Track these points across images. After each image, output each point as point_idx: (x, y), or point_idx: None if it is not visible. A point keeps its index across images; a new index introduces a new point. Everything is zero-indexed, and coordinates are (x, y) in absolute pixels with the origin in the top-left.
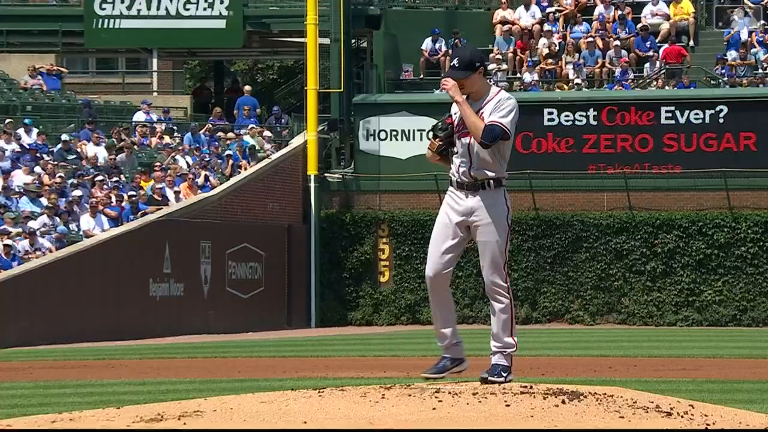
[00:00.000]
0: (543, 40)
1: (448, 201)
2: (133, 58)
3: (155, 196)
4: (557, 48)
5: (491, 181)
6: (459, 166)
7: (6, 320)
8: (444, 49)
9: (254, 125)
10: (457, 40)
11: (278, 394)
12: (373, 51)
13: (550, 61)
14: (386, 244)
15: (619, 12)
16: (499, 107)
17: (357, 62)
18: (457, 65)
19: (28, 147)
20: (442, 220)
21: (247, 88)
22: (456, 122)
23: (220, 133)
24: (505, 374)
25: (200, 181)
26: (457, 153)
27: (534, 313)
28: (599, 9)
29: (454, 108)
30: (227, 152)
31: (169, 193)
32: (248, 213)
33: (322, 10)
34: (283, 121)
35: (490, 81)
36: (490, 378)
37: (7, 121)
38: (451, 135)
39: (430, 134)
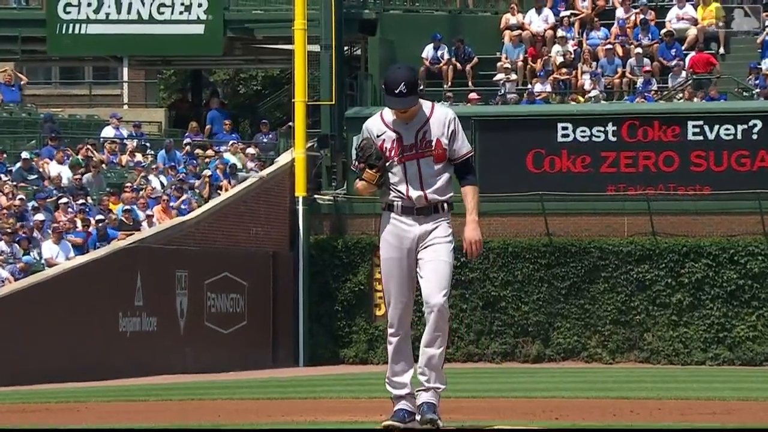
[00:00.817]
0: (556, 47)
1: (393, 231)
2: (101, 68)
3: (125, 221)
4: (572, 56)
5: (445, 204)
6: (408, 191)
7: None
8: (447, 56)
9: (236, 141)
10: (459, 46)
11: None
12: (368, 59)
13: (564, 70)
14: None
15: (642, 16)
16: (451, 129)
17: (350, 72)
18: (405, 91)
19: None
20: (395, 256)
21: (215, 100)
22: (392, 146)
23: (198, 151)
24: (438, 417)
25: (176, 203)
26: (398, 178)
27: (547, 351)
28: (619, 13)
29: (375, 129)
30: (206, 171)
31: (141, 217)
32: (229, 239)
33: (311, 14)
34: (269, 136)
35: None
36: (435, 420)
37: None
38: (385, 162)
39: (358, 164)
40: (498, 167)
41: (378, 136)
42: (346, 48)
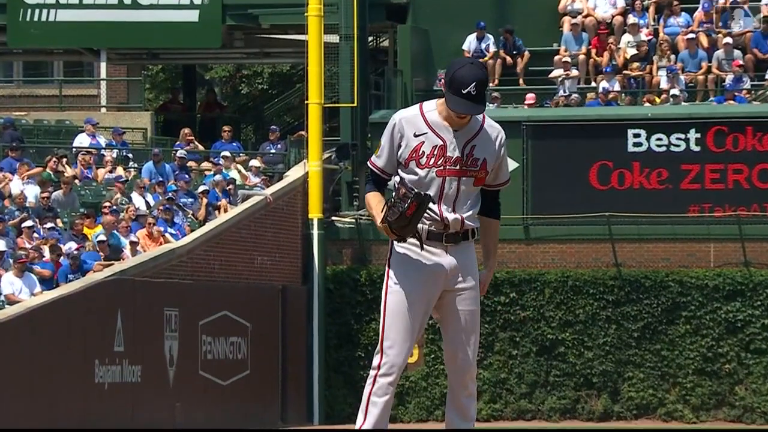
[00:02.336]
0: (627, 37)
1: (415, 261)
2: (74, 63)
3: (103, 248)
4: (646, 47)
5: (475, 230)
6: (442, 212)
7: None
8: (493, 49)
9: (237, 152)
10: (508, 38)
11: None
12: (397, 52)
13: (636, 65)
14: None
15: None
16: (502, 153)
17: (375, 67)
18: (474, 93)
19: None
20: (413, 290)
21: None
22: (432, 153)
23: (191, 163)
24: None
25: (164, 227)
26: (427, 189)
27: (615, 407)
28: None
29: (412, 127)
30: (201, 188)
31: (123, 244)
32: (229, 270)
33: None
34: (277, 146)
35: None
36: None
37: None
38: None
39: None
40: (555, 183)
41: (416, 136)
42: (370, 38)
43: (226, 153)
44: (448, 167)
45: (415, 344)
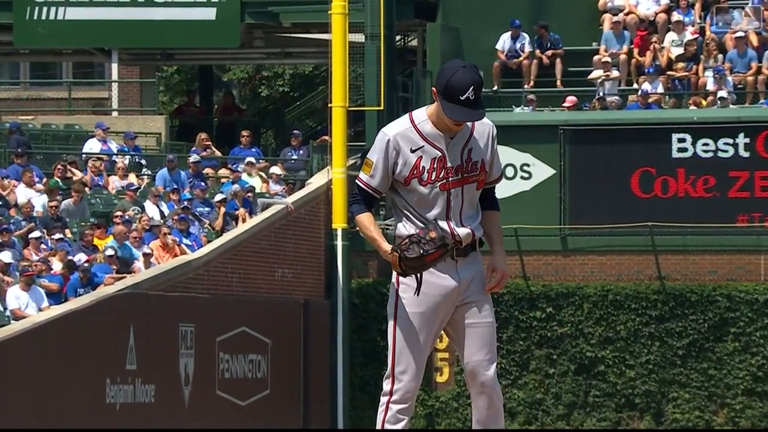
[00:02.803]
0: (671, 36)
1: (427, 280)
2: (84, 64)
3: (115, 260)
4: (694, 47)
5: (481, 238)
6: (452, 228)
7: None
8: (528, 49)
9: (257, 158)
10: (544, 34)
11: None
12: (426, 52)
13: (681, 65)
14: None
15: None
16: (494, 147)
17: (403, 68)
18: (473, 98)
19: None
20: (425, 311)
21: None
22: (433, 167)
23: (208, 170)
24: None
25: (179, 238)
26: (438, 211)
27: (660, 428)
28: None
29: (407, 141)
30: (218, 197)
31: (135, 256)
32: (248, 284)
33: None
34: (299, 152)
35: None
36: None
37: None
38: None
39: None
40: (594, 191)
41: (413, 152)
42: (398, 38)
43: (251, 159)
44: (451, 179)
45: (446, 363)
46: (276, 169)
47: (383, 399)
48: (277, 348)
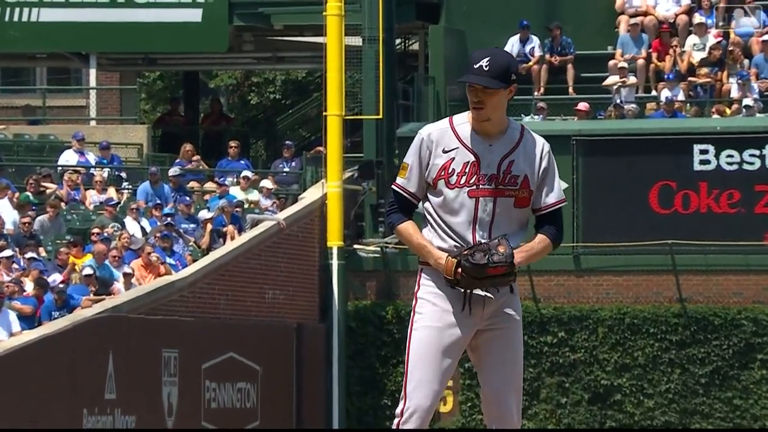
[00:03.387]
0: (692, 39)
1: (449, 295)
2: (60, 69)
3: (93, 281)
4: (720, 51)
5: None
6: (476, 239)
7: None
8: (538, 52)
9: (246, 170)
10: (556, 36)
11: None
12: (428, 56)
13: (704, 71)
14: None
15: None
16: (544, 166)
17: (404, 73)
18: (487, 68)
19: None
20: (445, 327)
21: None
22: (464, 171)
23: (193, 184)
24: None
25: (162, 257)
26: (464, 219)
27: None
28: None
29: (442, 141)
30: (204, 213)
31: (115, 276)
32: (236, 306)
33: None
34: (292, 164)
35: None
36: None
37: None
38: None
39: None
40: (610, 206)
41: (445, 152)
42: (398, 41)
43: (247, 173)
44: (481, 186)
45: (449, 391)
46: (266, 183)
47: (395, 421)
48: (268, 375)
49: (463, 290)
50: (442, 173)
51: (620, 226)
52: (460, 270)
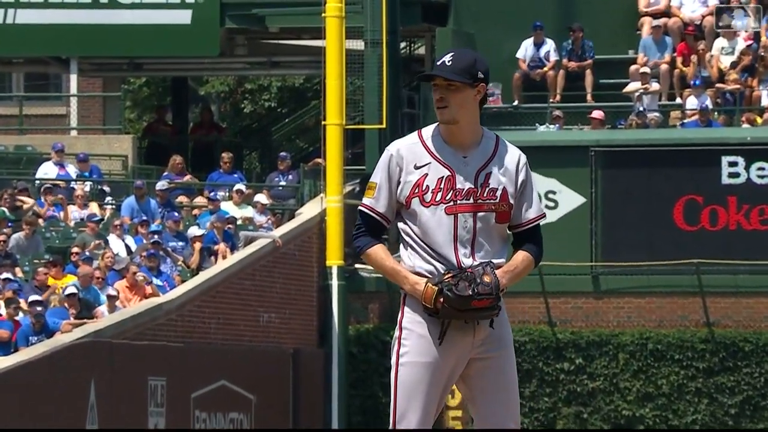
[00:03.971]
0: (720, 43)
1: (433, 323)
2: (38, 75)
3: (73, 304)
4: (750, 55)
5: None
6: (459, 258)
7: None
8: (554, 57)
9: (239, 184)
10: (578, 38)
11: None
12: (435, 61)
13: (733, 76)
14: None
15: None
16: (522, 178)
17: (410, 80)
18: (449, 63)
19: None
20: (431, 360)
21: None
22: (439, 187)
23: (182, 198)
24: None
25: (148, 277)
26: (444, 238)
27: None
28: None
29: (412, 156)
30: (194, 230)
31: (98, 298)
32: (228, 331)
33: None
34: (288, 177)
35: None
36: None
37: None
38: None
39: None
40: (631, 222)
41: (417, 168)
42: (403, 45)
43: (241, 187)
44: (459, 201)
45: (458, 422)
46: (261, 197)
47: None
48: (263, 405)
49: (440, 320)
50: (416, 191)
51: (642, 244)
52: (441, 300)
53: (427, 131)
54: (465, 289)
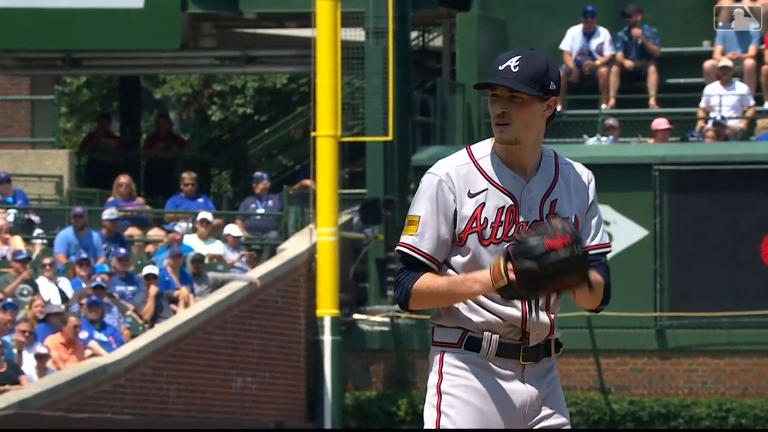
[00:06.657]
0: None
1: (479, 388)
2: None
3: None
4: None
5: (559, 339)
6: (526, 311)
7: None
8: (609, 51)
9: (205, 211)
10: (636, 23)
11: None
12: (456, 55)
13: None
14: None
15: None
16: (591, 199)
17: (423, 79)
18: (515, 69)
19: None
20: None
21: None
22: (499, 220)
23: (133, 231)
24: None
25: (89, 332)
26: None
27: None
28: None
29: (462, 181)
30: (147, 270)
31: (25, 360)
32: (192, 400)
33: None
34: (268, 203)
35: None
36: None
37: None
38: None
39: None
40: (705, 262)
41: (471, 196)
42: (414, 36)
43: (207, 215)
44: (516, 237)
45: None
46: (233, 229)
47: None
48: None
49: (523, 301)
50: (474, 225)
51: (720, 290)
52: (510, 265)
53: (479, 149)
54: (534, 239)
